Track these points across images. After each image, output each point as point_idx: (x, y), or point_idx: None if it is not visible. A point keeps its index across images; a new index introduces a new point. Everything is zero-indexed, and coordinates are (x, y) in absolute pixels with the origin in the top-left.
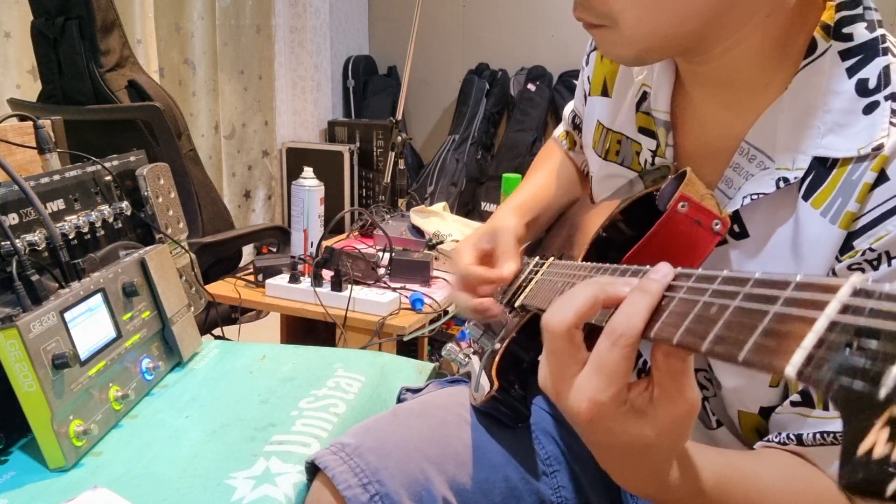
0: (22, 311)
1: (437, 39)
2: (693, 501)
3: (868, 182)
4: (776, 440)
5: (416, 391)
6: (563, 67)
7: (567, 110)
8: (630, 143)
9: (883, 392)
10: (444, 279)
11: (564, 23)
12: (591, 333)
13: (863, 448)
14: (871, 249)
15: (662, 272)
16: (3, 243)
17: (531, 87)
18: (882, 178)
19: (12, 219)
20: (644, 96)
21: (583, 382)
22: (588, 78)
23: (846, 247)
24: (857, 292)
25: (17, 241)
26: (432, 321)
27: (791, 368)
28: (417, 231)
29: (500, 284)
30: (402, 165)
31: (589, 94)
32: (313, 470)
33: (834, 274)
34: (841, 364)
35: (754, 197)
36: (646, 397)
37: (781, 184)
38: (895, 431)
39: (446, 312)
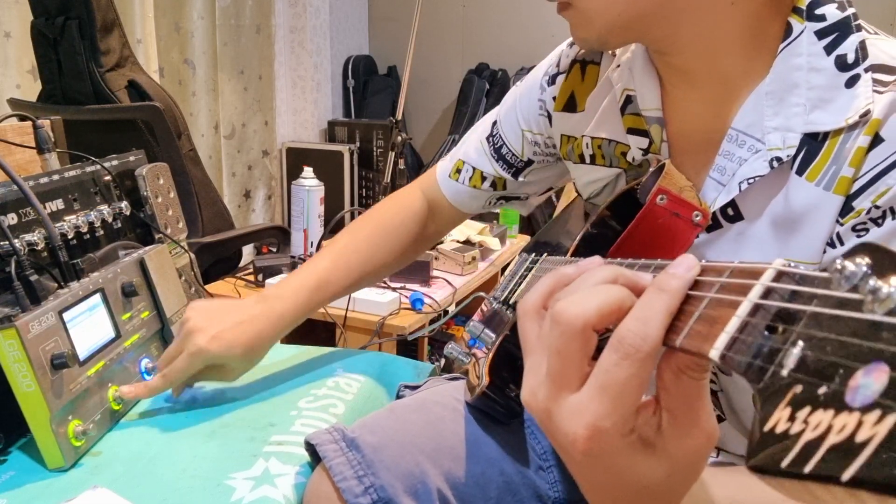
0: (21, 311)
1: (437, 39)
2: None
3: (862, 146)
4: None
5: (414, 388)
6: None
7: (474, 146)
8: (614, 146)
9: (785, 371)
10: (445, 279)
11: (564, 23)
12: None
13: (768, 426)
14: (875, 207)
15: (686, 265)
16: (1, 243)
17: None
18: (876, 140)
19: (11, 219)
20: (628, 100)
21: (582, 403)
22: (553, 98)
23: (846, 209)
24: (778, 276)
25: (16, 241)
26: (432, 321)
27: (714, 352)
28: None
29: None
30: (402, 165)
31: (553, 111)
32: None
33: (838, 238)
34: (758, 346)
35: (751, 181)
36: (652, 425)
37: (775, 164)
38: (795, 409)
39: (446, 312)
